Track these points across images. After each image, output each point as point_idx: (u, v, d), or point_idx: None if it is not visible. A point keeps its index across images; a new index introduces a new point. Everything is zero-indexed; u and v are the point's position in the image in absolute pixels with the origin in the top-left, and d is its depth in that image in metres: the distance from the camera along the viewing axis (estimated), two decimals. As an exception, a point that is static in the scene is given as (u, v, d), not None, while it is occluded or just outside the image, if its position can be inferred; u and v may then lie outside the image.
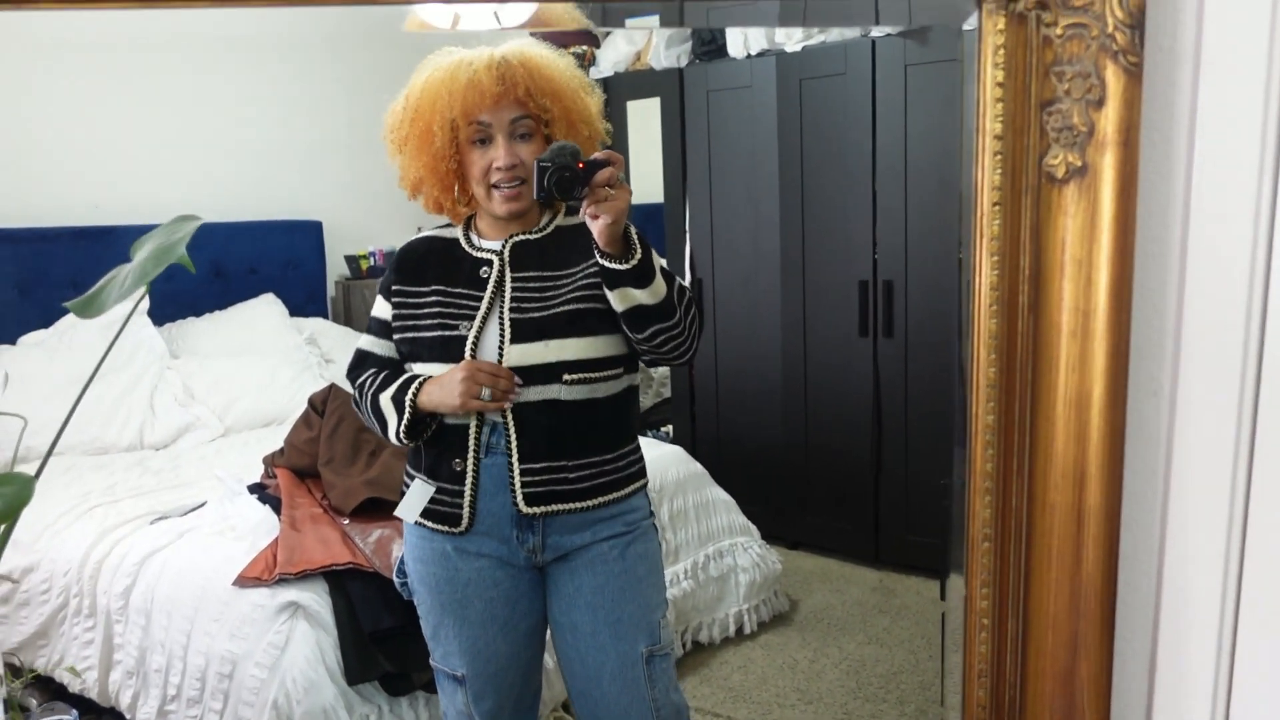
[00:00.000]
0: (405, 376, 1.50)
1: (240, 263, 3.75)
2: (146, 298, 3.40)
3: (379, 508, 2.30)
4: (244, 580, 2.07)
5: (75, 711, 1.25)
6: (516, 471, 1.45)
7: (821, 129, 3.44)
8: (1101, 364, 0.82)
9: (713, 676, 2.77)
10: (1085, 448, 0.84)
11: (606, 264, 1.36)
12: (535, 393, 1.43)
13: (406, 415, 1.46)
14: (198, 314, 3.58)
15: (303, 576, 2.06)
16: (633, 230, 1.37)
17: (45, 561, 2.43)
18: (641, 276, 1.36)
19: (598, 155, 1.33)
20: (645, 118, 3.88)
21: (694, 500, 2.93)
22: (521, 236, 1.51)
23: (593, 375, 1.46)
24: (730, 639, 2.98)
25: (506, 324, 1.45)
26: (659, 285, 1.39)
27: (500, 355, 1.44)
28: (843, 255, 3.45)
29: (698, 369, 3.94)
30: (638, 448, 1.58)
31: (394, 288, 1.55)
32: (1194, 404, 0.81)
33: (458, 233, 1.57)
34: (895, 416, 3.43)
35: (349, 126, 4.23)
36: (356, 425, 2.58)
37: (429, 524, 1.53)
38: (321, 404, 2.66)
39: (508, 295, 1.46)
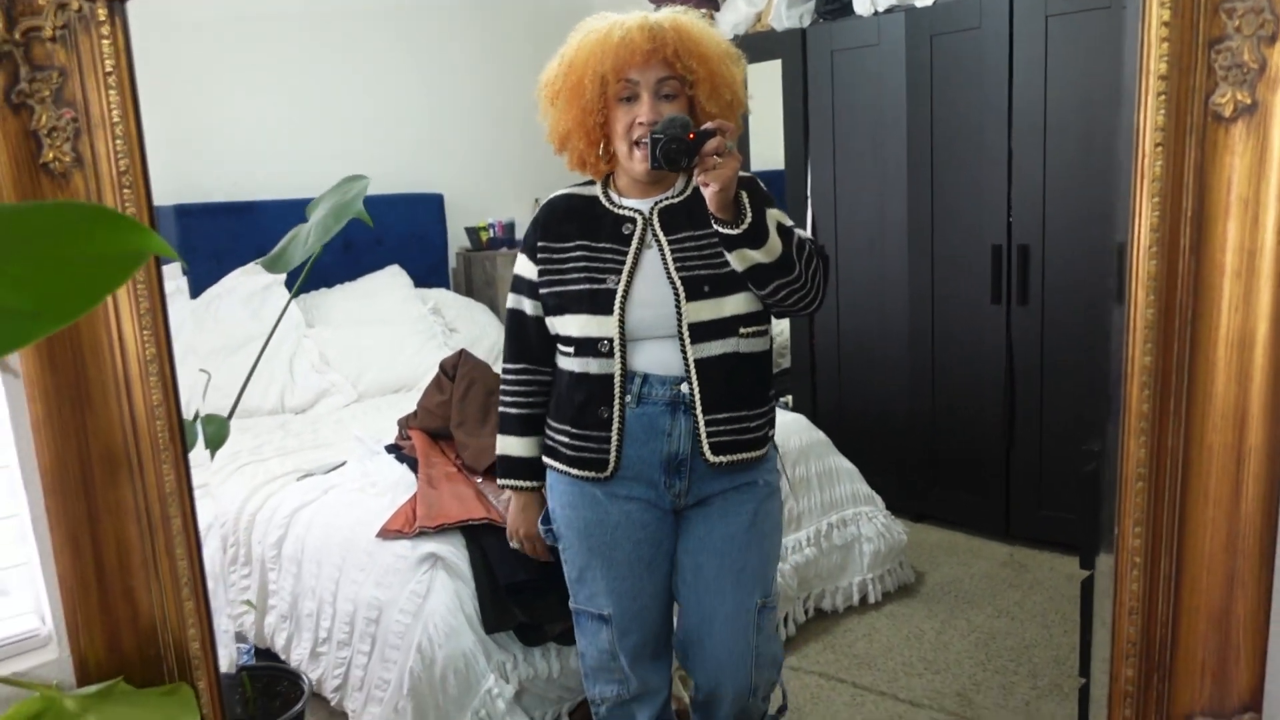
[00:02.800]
0: (519, 455, 1.76)
1: (368, 235, 4.01)
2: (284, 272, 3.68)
3: (510, 467, 2.49)
4: (386, 533, 2.28)
5: (251, 643, 1.46)
6: (702, 422, 1.59)
7: (953, 87, 3.44)
8: (1267, 303, 0.87)
9: (836, 644, 2.87)
10: (1248, 388, 0.89)
11: (720, 229, 1.48)
12: (716, 347, 1.58)
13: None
14: (329, 285, 3.86)
15: (441, 530, 2.25)
16: (744, 195, 1.47)
17: (205, 516, 2.71)
18: (755, 238, 1.48)
19: (707, 125, 1.44)
20: (766, 81, 3.95)
21: (816, 468, 3.03)
22: (667, 201, 1.63)
23: (761, 328, 1.63)
24: (854, 608, 3.07)
25: (678, 281, 1.57)
26: (774, 243, 1.49)
27: (678, 310, 1.57)
28: (974, 219, 3.46)
29: (819, 338, 4.01)
30: (775, 394, 1.74)
31: (539, 244, 1.67)
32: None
33: (596, 190, 1.68)
34: (1030, 388, 3.44)
35: (469, 101, 4.46)
36: (486, 388, 2.78)
37: (574, 471, 1.67)
38: (452, 369, 2.86)
39: (668, 255, 1.59)
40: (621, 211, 1.64)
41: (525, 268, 1.71)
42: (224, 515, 2.65)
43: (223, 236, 3.58)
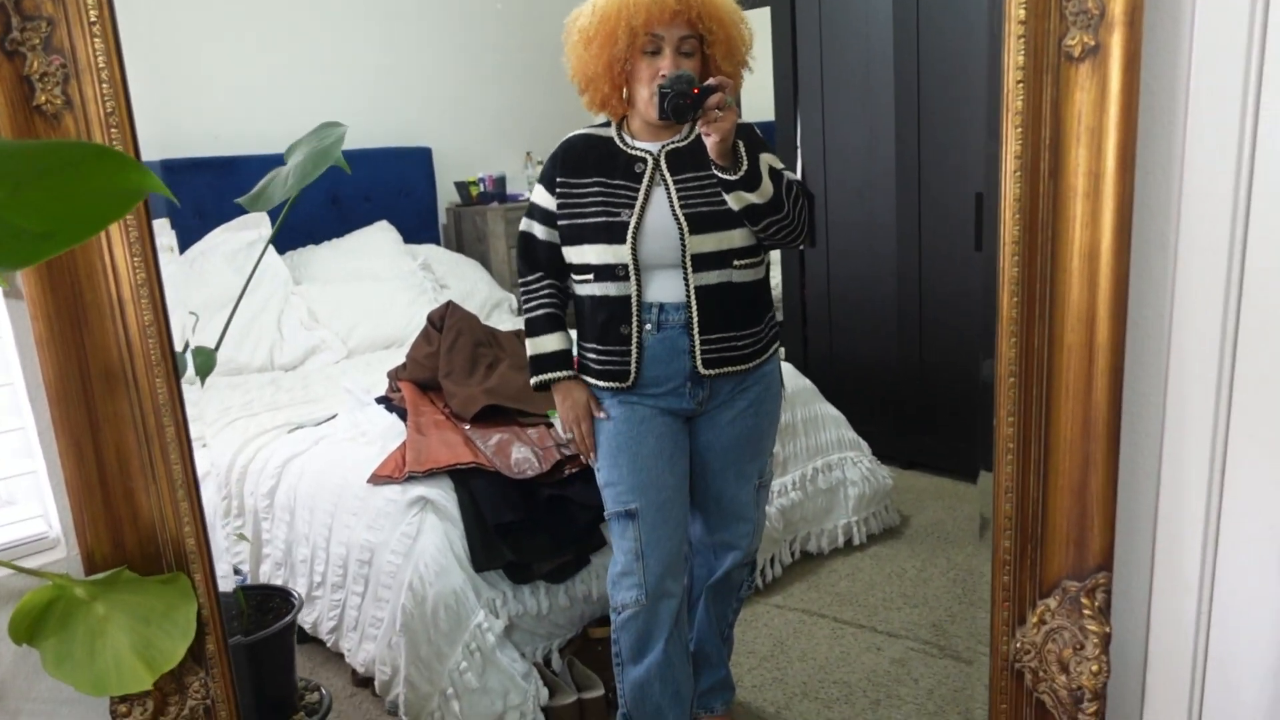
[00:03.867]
0: (552, 350, 1.97)
1: (355, 190, 4.12)
2: (270, 228, 3.79)
3: (497, 414, 2.63)
4: (377, 478, 2.42)
5: (246, 569, 1.61)
6: (697, 341, 1.86)
7: (940, 34, 3.53)
8: (1110, 220, 1.03)
9: (820, 583, 3.03)
10: (1095, 294, 1.05)
11: (719, 174, 1.72)
12: (713, 276, 1.83)
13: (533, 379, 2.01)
14: (316, 242, 3.97)
15: (430, 474, 2.39)
16: (740, 145, 1.71)
17: (200, 464, 2.86)
18: (750, 182, 1.71)
19: (710, 81, 1.64)
20: (755, 29, 4.02)
21: (802, 415, 3.17)
22: (673, 145, 1.86)
23: (753, 260, 1.87)
24: (839, 549, 3.22)
25: (682, 218, 1.81)
26: (766, 186, 1.73)
27: (682, 243, 1.81)
28: (959, 167, 3.57)
29: (810, 287, 4.14)
30: (775, 314, 2.00)
31: (558, 179, 1.90)
32: (1194, 252, 1.01)
33: (611, 132, 1.91)
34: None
35: (458, 53, 4.54)
36: (473, 339, 2.91)
37: (601, 383, 1.95)
38: (439, 320, 2.99)
39: (674, 193, 1.82)
40: (634, 152, 1.87)
41: (544, 198, 1.93)
42: (217, 467, 2.79)
43: (206, 193, 3.69)
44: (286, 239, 3.83)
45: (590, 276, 1.89)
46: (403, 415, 2.71)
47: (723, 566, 2.11)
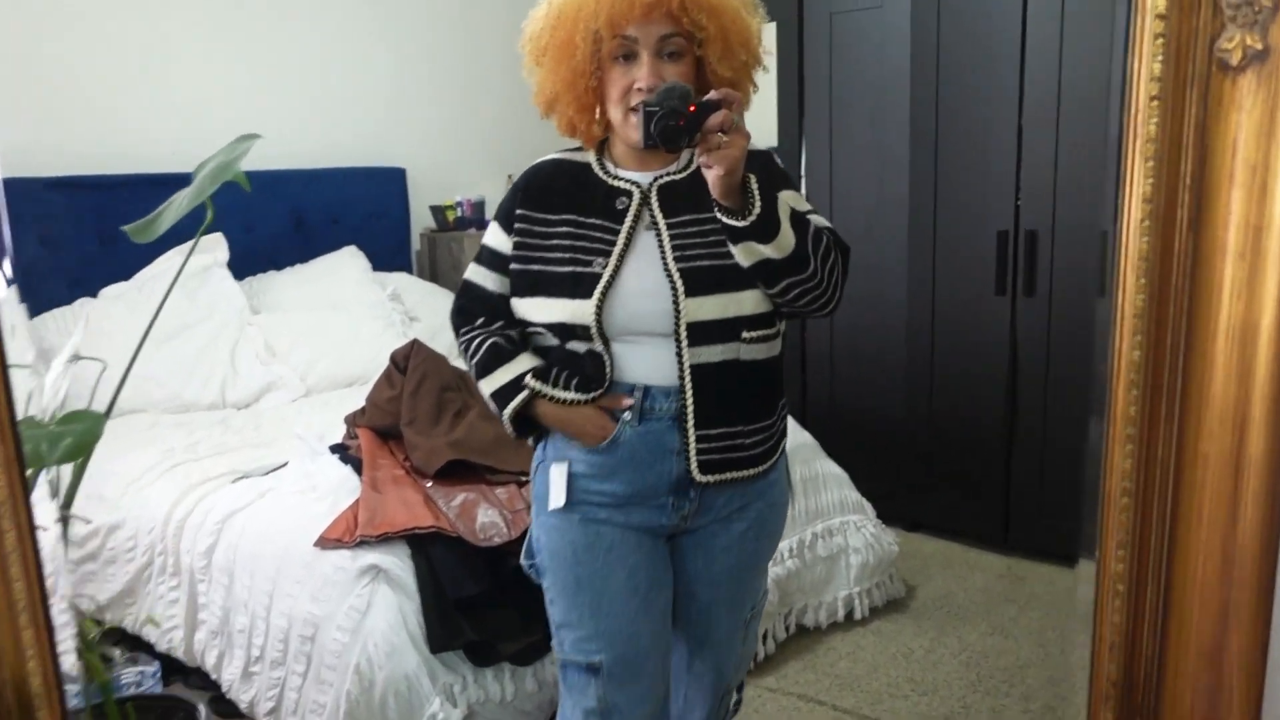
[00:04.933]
0: (510, 377, 1.54)
1: (321, 213, 3.94)
2: (226, 251, 3.60)
3: (463, 470, 2.44)
4: (325, 542, 2.23)
5: (158, 663, 1.40)
6: (692, 438, 1.48)
7: (961, 55, 3.39)
8: (1273, 289, 0.79)
9: (818, 663, 2.83)
10: (1249, 388, 0.81)
11: (724, 219, 1.36)
12: (716, 352, 1.46)
13: (509, 424, 1.56)
14: (278, 267, 3.78)
15: (384, 539, 2.20)
16: (752, 181, 1.35)
17: (130, 519, 2.65)
18: (764, 230, 1.36)
19: (711, 95, 1.31)
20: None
21: (802, 473, 2.98)
22: (668, 177, 1.51)
23: (767, 331, 1.51)
24: (839, 624, 3.03)
25: (676, 273, 1.44)
26: (786, 238, 1.38)
27: (676, 307, 1.44)
28: (980, 202, 3.41)
29: (810, 331, 3.96)
30: (786, 401, 1.65)
31: (518, 212, 1.54)
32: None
33: (590, 158, 1.57)
34: (1033, 386, 3.40)
35: (435, 68, 4.37)
36: (440, 383, 2.72)
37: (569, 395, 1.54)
38: (404, 360, 2.80)
39: (666, 240, 1.46)
40: (617, 183, 1.52)
41: (498, 238, 1.58)
42: (151, 520, 2.59)
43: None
44: (245, 263, 3.64)
45: (552, 337, 1.54)
46: (358, 466, 2.51)
47: (702, 705, 1.76)
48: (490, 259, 1.59)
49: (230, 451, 2.83)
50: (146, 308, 3.23)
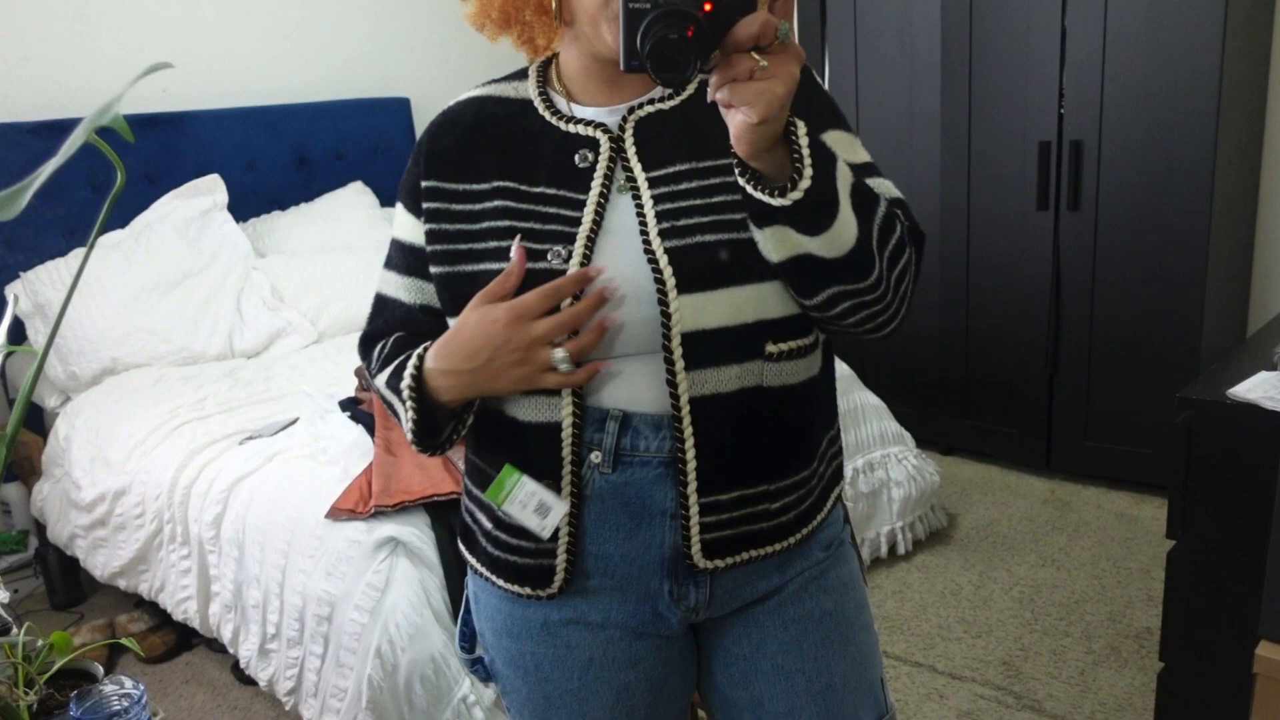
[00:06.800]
0: (407, 352, 0.97)
1: (324, 148, 3.57)
2: (225, 193, 3.24)
3: (483, 427, 2.13)
4: (337, 513, 1.94)
5: (143, 687, 1.10)
6: (694, 503, 0.92)
7: (990, -45, 2.97)
8: None
9: (865, 606, 2.56)
10: None
11: (750, 190, 0.81)
12: (730, 377, 0.90)
13: (411, 413, 0.94)
14: (282, 207, 3.43)
15: (401, 509, 1.91)
16: (800, 131, 0.80)
17: (136, 484, 2.37)
18: (815, 215, 0.81)
19: None
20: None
21: (840, 406, 2.67)
22: (649, 107, 0.95)
23: (804, 342, 0.94)
24: (881, 560, 2.75)
25: (662, 259, 0.88)
26: (845, 229, 0.83)
27: (663, 310, 0.88)
28: (1020, 111, 3.02)
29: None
30: (839, 430, 1.07)
31: (425, 185, 0.98)
32: None
33: (529, 90, 1.00)
34: (1079, 305, 3.05)
35: (434, -13, 3.94)
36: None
37: (499, 581, 1.00)
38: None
39: (649, 209, 0.91)
40: (573, 128, 0.95)
41: (405, 227, 1.02)
42: (157, 486, 2.30)
43: (159, 153, 3.15)
44: (247, 205, 3.30)
45: None
46: (370, 424, 2.20)
47: None
48: (401, 259, 1.02)
49: (239, 408, 2.53)
50: (144, 258, 2.91)
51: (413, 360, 0.94)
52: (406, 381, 0.94)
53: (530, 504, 0.94)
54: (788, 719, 1.00)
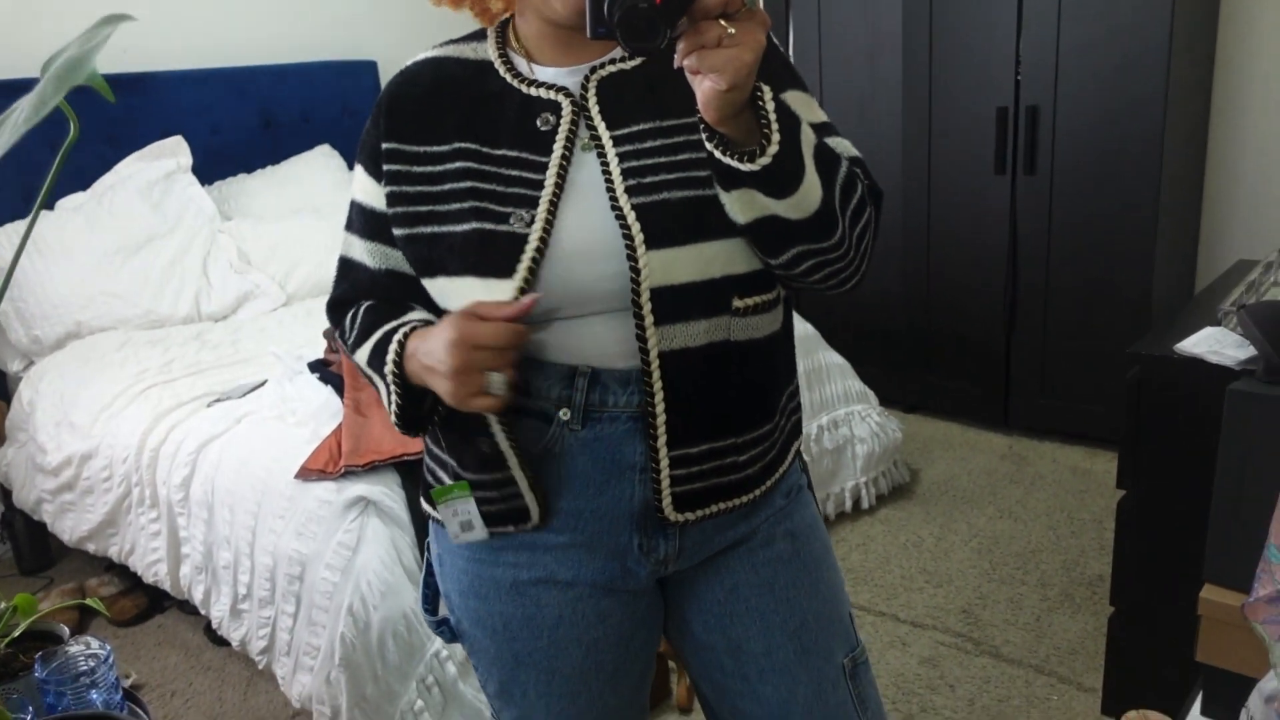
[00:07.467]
0: (385, 328, 0.96)
1: (291, 110, 3.49)
2: (189, 155, 3.16)
3: (452, 387, 2.10)
4: (306, 473, 1.91)
5: (110, 647, 1.08)
6: (664, 456, 0.92)
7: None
8: None
9: (828, 559, 2.58)
10: None
11: (718, 155, 0.80)
12: (698, 331, 0.90)
13: (395, 398, 0.94)
14: (249, 170, 3.35)
15: (371, 468, 1.88)
16: (766, 97, 0.80)
17: (104, 447, 2.33)
18: (781, 179, 0.81)
19: None
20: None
21: (805, 365, 2.67)
22: (611, 67, 0.94)
23: (767, 296, 0.94)
24: (846, 514, 2.78)
25: (630, 215, 0.87)
26: (810, 191, 0.83)
27: (633, 265, 0.87)
28: (978, 76, 3.01)
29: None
30: (798, 386, 1.08)
31: (385, 147, 0.96)
32: None
33: (489, 52, 0.97)
34: (1035, 265, 3.06)
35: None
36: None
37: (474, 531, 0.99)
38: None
39: (614, 166, 0.90)
40: (535, 91, 0.93)
41: (365, 189, 0.99)
42: (125, 449, 2.26)
43: (120, 115, 3.06)
44: (212, 167, 3.22)
45: None
46: (339, 386, 2.17)
47: None
48: (362, 223, 1.00)
49: (206, 370, 2.48)
50: (108, 220, 2.84)
51: (393, 346, 0.93)
52: (389, 368, 0.93)
53: (460, 515, 0.97)
54: (766, 659, 1.01)
